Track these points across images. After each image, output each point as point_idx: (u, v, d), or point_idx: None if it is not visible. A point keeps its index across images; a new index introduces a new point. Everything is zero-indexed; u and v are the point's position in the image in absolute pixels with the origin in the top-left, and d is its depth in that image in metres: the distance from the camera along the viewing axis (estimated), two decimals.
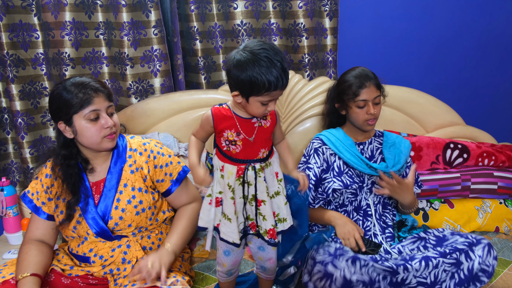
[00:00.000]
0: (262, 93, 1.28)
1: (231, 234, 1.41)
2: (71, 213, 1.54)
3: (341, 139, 1.81)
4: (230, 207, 1.40)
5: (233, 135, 1.38)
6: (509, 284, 1.66)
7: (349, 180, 1.76)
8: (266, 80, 1.25)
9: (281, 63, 1.27)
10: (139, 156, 1.62)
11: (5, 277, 1.47)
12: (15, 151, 2.36)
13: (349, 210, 1.78)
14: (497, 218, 2.02)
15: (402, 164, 1.78)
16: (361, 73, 1.78)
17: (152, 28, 2.21)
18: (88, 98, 1.48)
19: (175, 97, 2.25)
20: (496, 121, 2.70)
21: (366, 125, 1.77)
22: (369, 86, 1.75)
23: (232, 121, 1.38)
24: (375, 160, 1.82)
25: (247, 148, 1.39)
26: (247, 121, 1.39)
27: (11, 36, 2.16)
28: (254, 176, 1.40)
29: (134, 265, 1.54)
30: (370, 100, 1.74)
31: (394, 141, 1.84)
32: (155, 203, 1.63)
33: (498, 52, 2.62)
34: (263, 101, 1.31)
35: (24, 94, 2.23)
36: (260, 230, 1.45)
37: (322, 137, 1.85)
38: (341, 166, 1.79)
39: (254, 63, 1.25)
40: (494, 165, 2.06)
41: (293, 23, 2.33)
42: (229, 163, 1.40)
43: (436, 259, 1.46)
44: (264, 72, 1.25)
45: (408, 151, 1.84)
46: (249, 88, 1.28)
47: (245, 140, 1.39)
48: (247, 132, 1.39)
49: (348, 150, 1.78)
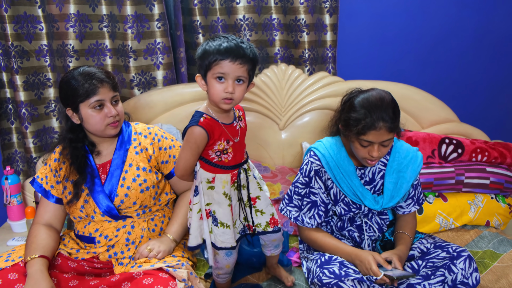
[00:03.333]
0: (212, 65, 1.28)
1: (229, 240, 1.44)
2: (78, 191, 1.61)
3: (341, 164, 1.65)
4: (228, 214, 1.42)
5: (224, 144, 1.37)
6: (498, 275, 1.72)
7: (344, 209, 1.70)
8: (212, 48, 1.28)
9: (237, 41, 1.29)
10: (144, 139, 1.70)
11: (14, 260, 1.52)
12: (19, 140, 2.40)
13: (344, 219, 1.75)
14: (488, 213, 2.09)
15: (402, 195, 1.67)
16: (376, 107, 1.49)
17: (155, 21, 2.25)
18: (93, 89, 1.56)
19: (177, 89, 2.29)
20: (489, 119, 2.75)
21: (365, 162, 1.61)
22: (380, 129, 1.49)
23: (221, 128, 1.37)
24: (374, 185, 1.71)
25: (237, 154, 1.41)
26: (230, 126, 1.40)
27: (15, 28, 2.19)
28: (246, 178, 1.45)
29: (137, 245, 1.63)
30: (376, 143, 1.52)
31: (401, 163, 1.68)
32: (158, 183, 1.70)
33: (493, 50, 2.67)
34: (216, 75, 1.28)
35: (28, 85, 2.27)
36: (259, 228, 1.50)
37: (321, 157, 1.67)
38: (337, 194, 1.70)
39: (213, 38, 1.31)
40: (487, 161, 2.12)
41: (294, 18, 2.37)
42: (221, 172, 1.41)
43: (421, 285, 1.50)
44: (213, 43, 1.29)
45: (417, 172, 1.68)
46: (202, 61, 1.30)
47: (234, 145, 1.40)
48: (234, 135, 1.40)
49: (346, 182, 1.65)
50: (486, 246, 1.92)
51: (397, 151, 1.71)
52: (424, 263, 1.59)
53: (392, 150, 1.71)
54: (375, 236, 1.75)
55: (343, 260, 1.58)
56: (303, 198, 1.70)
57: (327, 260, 1.57)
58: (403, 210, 1.76)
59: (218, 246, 1.45)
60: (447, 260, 1.54)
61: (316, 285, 1.53)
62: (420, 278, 1.53)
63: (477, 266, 1.54)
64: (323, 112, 2.32)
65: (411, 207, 1.75)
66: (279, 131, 2.37)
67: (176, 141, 1.77)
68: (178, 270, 1.46)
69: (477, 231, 2.05)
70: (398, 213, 1.78)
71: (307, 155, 1.73)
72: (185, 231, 1.72)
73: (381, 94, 1.55)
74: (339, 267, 1.52)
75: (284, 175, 2.22)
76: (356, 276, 1.49)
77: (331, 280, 1.48)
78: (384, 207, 1.67)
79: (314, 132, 2.31)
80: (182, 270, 1.46)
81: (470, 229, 2.08)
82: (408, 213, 1.76)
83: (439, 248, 1.61)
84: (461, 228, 2.09)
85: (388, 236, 1.76)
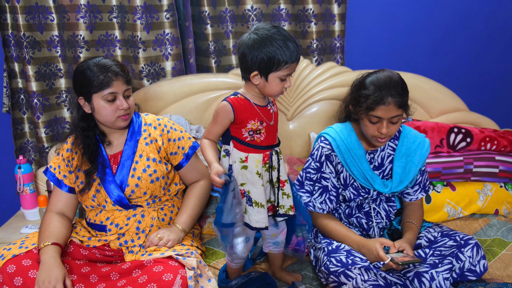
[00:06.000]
0: (282, 67, 1.36)
1: (263, 220, 1.46)
2: (90, 181, 1.64)
3: (352, 148, 1.68)
4: (262, 194, 1.45)
5: (257, 124, 1.44)
6: (506, 263, 1.73)
7: (353, 194, 1.72)
8: (285, 53, 1.34)
9: (290, 39, 1.37)
10: (154, 130, 1.72)
11: (28, 247, 1.56)
12: (30, 130, 2.44)
13: (352, 205, 1.77)
14: (497, 201, 2.09)
15: (411, 179, 1.69)
16: (385, 84, 1.54)
17: (164, 12, 2.26)
18: (108, 81, 1.58)
19: (186, 80, 2.31)
20: (499, 108, 2.73)
21: (375, 141, 1.62)
22: (388, 104, 1.53)
23: (253, 109, 1.43)
24: (383, 169, 1.73)
25: (269, 135, 1.47)
26: (264, 108, 1.46)
27: (27, 18, 2.22)
28: (277, 160, 1.49)
29: (147, 234, 1.66)
30: (385, 119, 1.55)
31: (409, 148, 1.70)
32: (168, 173, 1.72)
33: (503, 40, 2.65)
34: (282, 76, 1.38)
35: (40, 75, 2.30)
36: (282, 209, 1.52)
37: (332, 141, 1.70)
38: (347, 178, 1.72)
39: (271, 40, 1.34)
40: (496, 149, 2.12)
41: (302, 9, 2.37)
42: (254, 152, 1.45)
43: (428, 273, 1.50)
44: (281, 46, 1.34)
45: (425, 157, 1.71)
46: (269, 64, 1.35)
47: (267, 127, 1.46)
48: (268, 118, 1.47)
49: (356, 165, 1.67)
50: (495, 234, 1.93)
51: (405, 136, 1.73)
52: (431, 252, 1.60)
53: (401, 135, 1.74)
54: (382, 223, 1.76)
55: (351, 249, 1.60)
56: (315, 183, 1.72)
57: (334, 249, 1.59)
58: (410, 197, 1.77)
59: (252, 226, 1.46)
60: (454, 249, 1.55)
61: (323, 273, 1.55)
62: (428, 267, 1.53)
63: (484, 254, 1.55)
64: (331, 102, 2.32)
65: (418, 194, 1.76)
66: (287, 121, 2.37)
67: (185, 132, 1.79)
68: (187, 258, 1.48)
69: (485, 219, 2.05)
70: (405, 200, 1.78)
71: (318, 140, 1.75)
72: (194, 221, 1.76)
73: (390, 73, 1.60)
74: (346, 255, 1.54)
75: (292, 165, 2.24)
76: (363, 264, 1.50)
77: (338, 269, 1.50)
78: (393, 191, 1.69)
79: (322, 123, 2.31)
80: (191, 258, 1.48)
81: (479, 218, 2.08)
82: (415, 201, 1.77)
83: (447, 237, 1.62)
84: (469, 217, 2.09)
85: (395, 224, 1.77)
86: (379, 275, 1.49)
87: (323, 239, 1.70)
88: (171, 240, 1.61)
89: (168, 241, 1.61)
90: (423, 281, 1.51)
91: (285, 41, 1.35)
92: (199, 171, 1.83)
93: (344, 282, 1.47)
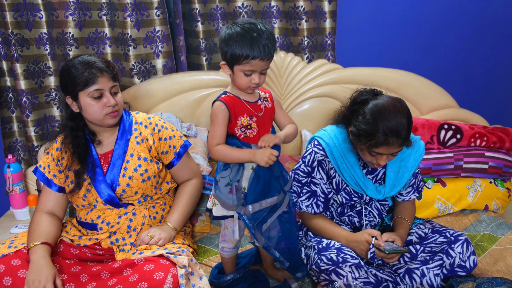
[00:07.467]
0: (241, 62, 1.37)
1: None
2: (80, 181, 1.63)
3: (345, 154, 1.65)
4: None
5: (247, 120, 1.45)
6: (495, 258, 1.74)
7: (345, 198, 1.71)
8: (244, 49, 1.36)
9: (262, 37, 1.36)
10: (145, 129, 1.71)
11: (17, 247, 1.54)
12: (19, 129, 2.41)
13: (345, 205, 1.76)
14: (487, 197, 2.10)
15: (404, 183, 1.68)
16: (395, 130, 1.46)
17: (154, 9, 2.25)
18: (93, 78, 1.56)
19: (177, 78, 2.30)
20: (488, 104, 2.76)
21: (371, 165, 1.62)
22: (392, 144, 1.48)
23: (243, 105, 1.45)
24: (376, 173, 1.71)
25: (261, 129, 1.48)
26: (254, 104, 1.47)
27: (15, 16, 2.20)
28: None
29: (139, 232, 1.65)
30: (385, 155, 1.53)
31: (403, 152, 1.67)
32: (159, 172, 1.71)
33: (493, 37, 2.67)
34: (245, 71, 1.39)
35: (29, 73, 2.27)
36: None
37: (325, 146, 1.67)
38: (339, 183, 1.70)
39: (238, 34, 1.37)
40: (486, 145, 2.13)
41: (293, 6, 2.37)
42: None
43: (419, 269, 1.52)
44: (245, 41, 1.36)
45: (419, 161, 1.69)
46: (231, 57, 1.38)
47: (258, 120, 1.47)
48: (257, 111, 1.47)
49: (349, 172, 1.65)
50: (485, 229, 1.94)
51: None
52: (422, 248, 1.61)
53: None
54: (374, 221, 1.76)
55: (341, 246, 1.60)
56: (303, 186, 1.71)
57: (325, 247, 1.59)
58: (403, 198, 1.77)
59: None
60: (444, 245, 1.56)
61: (314, 272, 1.55)
62: (419, 263, 1.55)
63: (474, 250, 1.56)
64: (322, 99, 2.32)
65: (410, 195, 1.76)
66: None
67: (176, 131, 1.78)
68: (178, 256, 1.48)
69: (475, 215, 2.07)
70: (397, 200, 1.79)
71: (311, 144, 1.73)
72: (185, 220, 1.76)
73: (396, 106, 1.49)
74: (336, 253, 1.54)
75: (283, 162, 2.24)
76: (353, 262, 1.51)
77: (329, 267, 1.50)
78: (385, 196, 1.69)
79: (313, 120, 2.31)
80: (182, 257, 1.48)
81: (469, 214, 2.09)
82: (407, 200, 1.78)
83: (437, 233, 1.63)
84: (460, 213, 2.11)
85: (387, 221, 1.77)
86: (369, 273, 1.50)
87: (313, 238, 1.70)
88: (162, 238, 1.61)
89: (159, 239, 1.60)
90: (414, 278, 1.52)
91: (254, 38, 1.35)
92: (190, 169, 1.82)
93: (335, 280, 1.48)
